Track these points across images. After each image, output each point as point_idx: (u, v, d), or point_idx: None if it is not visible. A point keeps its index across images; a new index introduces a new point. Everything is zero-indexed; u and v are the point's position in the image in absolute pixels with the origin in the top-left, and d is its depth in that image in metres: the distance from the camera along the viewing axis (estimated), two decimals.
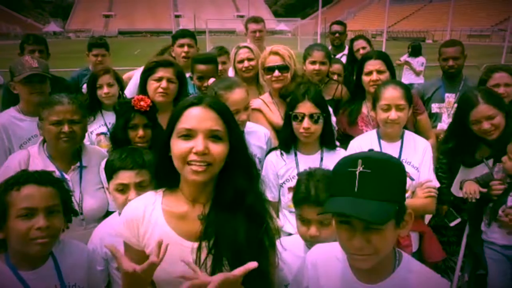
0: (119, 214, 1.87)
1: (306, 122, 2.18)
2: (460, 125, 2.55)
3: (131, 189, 1.80)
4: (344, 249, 1.22)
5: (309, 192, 1.65)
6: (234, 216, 1.27)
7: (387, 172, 1.13)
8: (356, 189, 1.11)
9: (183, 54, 3.40)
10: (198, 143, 1.20)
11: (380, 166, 1.13)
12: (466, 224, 2.59)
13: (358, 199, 1.10)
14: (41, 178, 1.50)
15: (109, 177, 1.88)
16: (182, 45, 3.44)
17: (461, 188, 2.45)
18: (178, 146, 1.23)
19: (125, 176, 1.81)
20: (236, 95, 2.29)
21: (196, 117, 1.23)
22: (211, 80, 2.70)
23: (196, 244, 1.27)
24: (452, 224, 2.62)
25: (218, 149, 1.22)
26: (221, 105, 1.30)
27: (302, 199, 1.66)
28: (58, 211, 1.52)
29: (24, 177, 1.48)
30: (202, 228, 1.27)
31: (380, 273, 1.23)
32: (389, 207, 1.10)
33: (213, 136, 1.23)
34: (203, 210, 1.30)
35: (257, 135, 2.51)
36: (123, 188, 1.81)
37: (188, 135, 1.22)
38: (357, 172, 1.12)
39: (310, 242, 1.68)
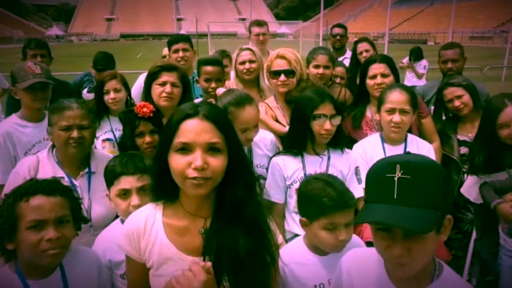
0: (121, 221, 1.87)
1: (328, 124, 2.16)
2: (487, 134, 2.44)
3: (133, 194, 1.78)
4: (382, 257, 1.18)
5: (333, 198, 1.62)
6: (234, 230, 1.24)
7: (428, 177, 1.06)
8: (395, 196, 1.06)
9: (179, 59, 3.39)
10: (196, 158, 1.15)
11: (420, 171, 1.06)
12: (473, 228, 2.57)
13: (397, 206, 1.05)
14: (50, 187, 1.47)
15: (110, 183, 1.85)
16: (177, 51, 3.43)
17: (481, 193, 2.38)
18: (175, 161, 1.18)
19: (127, 181, 1.78)
20: (246, 113, 2.23)
21: (193, 130, 1.18)
22: (220, 90, 2.68)
23: (196, 259, 1.23)
24: None
25: (217, 162, 1.18)
26: (218, 114, 1.24)
27: (332, 208, 1.61)
28: (68, 221, 1.49)
29: (33, 188, 1.46)
30: (204, 242, 1.25)
31: (418, 280, 1.17)
32: (431, 214, 1.04)
33: (211, 148, 1.18)
34: (204, 224, 1.27)
35: (264, 143, 2.48)
36: (125, 193, 1.79)
37: (185, 148, 1.17)
38: (396, 178, 1.06)
39: (337, 248, 1.66)
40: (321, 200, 1.64)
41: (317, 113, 2.17)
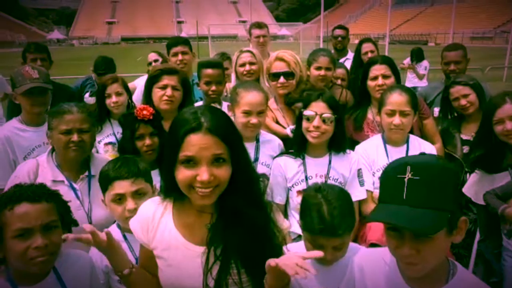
0: (118, 225, 1.87)
1: (316, 121, 2.15)
2: (486, 131, 2.44)
3: (128, 199, 1.76)
4: (393, 256, 1.19)
5: (325, 222, 1.56)
6: (239, 225, 1.27)
7: (438, 179, 1.07)
8: (404, 197, 1.07)
9: (178, 62, 3.39)
10: (202, 173, 1.18)
11: (430, 173, 1.07)
12: (477, 230, 2.55)
13: (406, 207, 1.06)
14: (35, 194, 1.43)
15: (104, 189, 1.84)
16: (176, 54, 3.44)
17: (486, 201, 2.36)
18: (182, 173, 1.21)
19: (121, 186, 1.77)
20: (250, 96, 2.28)
21: (197, 144, 1.19)
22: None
23: (202, 249, 1.28)
24: None
25: (222, 172, 1.21)
26: (220, 125, 1.23)
27: (319, 230, 1.57)
28: (56, 226, 1.46)
29: (17, 195, 1.42)
30: (209, 235, 1.29)
31: (433, 281, 1.17)
32: (439, 216, 1.04)
33: (216, 160, 1.20)
34: (210, 219, 1.31)
35: (272, 145, 2.50)
36: (120, 198, 1.77)
37: (191, 161, 1.20)
38: (406, 179, 1.07)
39: (321, 263, 1.64)
40: (312, 217, 1.60)
41: (307, 110, 2.18)
